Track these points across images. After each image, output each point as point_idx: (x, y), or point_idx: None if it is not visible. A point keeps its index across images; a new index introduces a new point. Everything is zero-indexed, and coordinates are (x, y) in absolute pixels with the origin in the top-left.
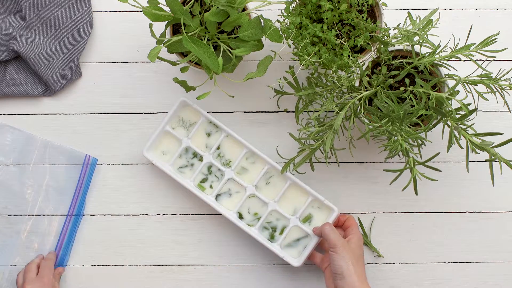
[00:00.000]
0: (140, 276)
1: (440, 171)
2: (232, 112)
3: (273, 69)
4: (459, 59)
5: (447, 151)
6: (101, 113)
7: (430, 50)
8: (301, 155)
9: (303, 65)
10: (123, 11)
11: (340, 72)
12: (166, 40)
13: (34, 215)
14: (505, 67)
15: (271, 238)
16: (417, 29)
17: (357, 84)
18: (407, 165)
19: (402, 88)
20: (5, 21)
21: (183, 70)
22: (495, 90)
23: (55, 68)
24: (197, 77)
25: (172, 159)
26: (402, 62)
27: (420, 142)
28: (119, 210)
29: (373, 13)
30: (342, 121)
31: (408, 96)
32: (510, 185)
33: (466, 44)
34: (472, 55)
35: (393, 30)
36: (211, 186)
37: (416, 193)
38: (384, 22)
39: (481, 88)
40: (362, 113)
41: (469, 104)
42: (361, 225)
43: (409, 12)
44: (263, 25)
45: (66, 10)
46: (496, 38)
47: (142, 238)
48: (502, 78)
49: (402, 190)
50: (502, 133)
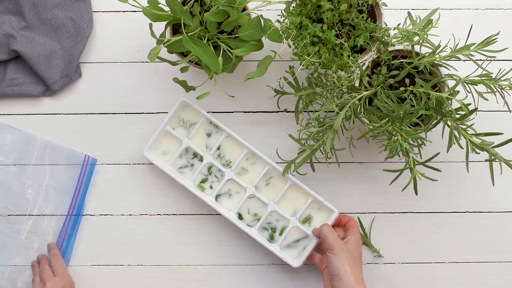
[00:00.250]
0: (140, 276)
1: (440, 171)
2: (232, 112)
3: (273, 69)
4: (459, 59)
5: (447, 151)
6: (101, 113)
7: (430, 50)
8: (302, 156)
9: (303, 65)
10: (123, 11)
11: (340, 72)
12: (166, 40)
13: (34, 215)
14: (505, 67)
15: (271, 239)
16: (417, 29)
17: (357, 84)
18: (407, 165)
19: (402, 88)
20: (5, 21)
21: (183, 70)
22: (495, 90)
23: (55, 68)
24: (197, 77)
25: (172, 159)
26: (402, 62)
27: (420, 142)
28: (119, 210)
29: (373, 13)
30: (342, 121)
31: (408, 96)
32: (510, 185)
33: (466, 44)
34: (472, 55)
35: (393, 30)
36: (211, 187)
37: (416, 193)
38: (384, 22)
39: (481, 88)
40: (362, 113)
41: (469, 104)
42: (361, 225)
43: (409, 12)
44: (263, 25)
45: (66, 10)
46: (496, 38)
47: (142, 238)
48: (502, 78)
49: (402, 190)
50: (502, 133)
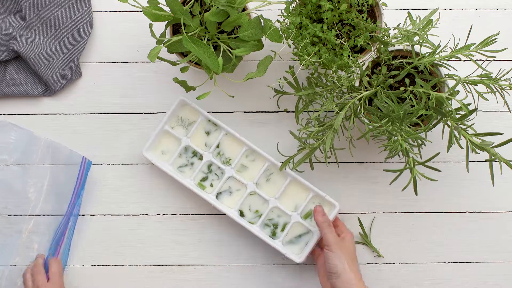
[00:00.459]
0: (140, 276)
1: (440, 171)
2: (232, 112)
3: (273, 69)
4: (459, 59)
5: (447, 151)
6: (101, 113)
7: (430, 50)
8: (301, 154)
9: (303, 65)
10: (123, 11)
11: (340, 72)
12: (166, 40)
13: (36, 215)
14: (505, 67)
15: (273, 235)
16: (417, 29)
17: (357, 84)
18: (407, 165)
19: (402, 88)
20: (5, 21)
21: (183, 70)
22: (495, 90)
23: (55, 68)
24: (197, 77)
25: (172, 159)
26: (402, 62)
27: (420, 142)
28: (119, 210)
29: (373, 13)
30: (342, 121)
31: (408, 96)
32: (510, 185)
33: (466, 44)
34: (472, 55)
35: (393, 30)
36: (212, 185)
37: (416, 193)
38: (384, 22)
39: (481, 88)
40: (362, 113)
41: (469, 104)
42: (361, 225)
43: (409, 12)
44: (263, 25)
45: (66, 10)
46: (496, 38)
47: (142, 238)
48: (502, 78)
49: (402, 190)
50: (502, 133)
